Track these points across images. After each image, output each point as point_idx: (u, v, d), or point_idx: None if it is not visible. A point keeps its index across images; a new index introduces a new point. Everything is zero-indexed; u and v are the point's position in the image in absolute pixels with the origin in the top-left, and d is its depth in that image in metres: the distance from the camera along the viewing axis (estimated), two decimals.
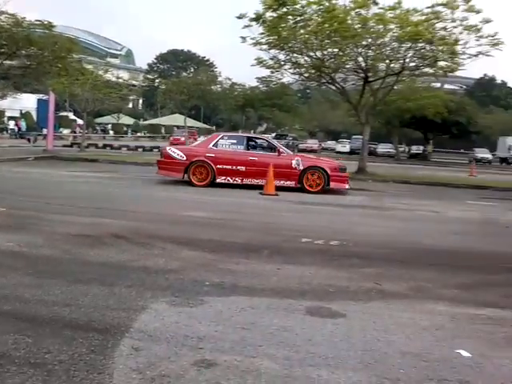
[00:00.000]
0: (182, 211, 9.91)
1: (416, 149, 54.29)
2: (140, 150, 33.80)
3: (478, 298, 5.25)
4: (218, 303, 4.56)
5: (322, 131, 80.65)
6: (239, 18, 20.26)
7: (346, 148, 54.57)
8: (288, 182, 14.41)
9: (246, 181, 14.42)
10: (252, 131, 68.20)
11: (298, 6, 19.55)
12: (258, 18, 19.95)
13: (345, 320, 4.36)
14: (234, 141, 14.99)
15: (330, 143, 65.89)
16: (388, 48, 20.62)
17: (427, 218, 11.33)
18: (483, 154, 50.28)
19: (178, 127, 54.35)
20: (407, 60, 20.90)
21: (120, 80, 41.49)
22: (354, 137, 53.35)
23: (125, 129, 69.40)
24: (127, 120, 71.55)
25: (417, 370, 3.47)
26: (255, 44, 20.90)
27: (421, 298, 5.12)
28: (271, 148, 15.12)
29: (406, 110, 36.53)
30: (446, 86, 67.69)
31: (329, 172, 14.37)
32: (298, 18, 19.93)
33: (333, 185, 14.47)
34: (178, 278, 5.25)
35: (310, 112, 73.20)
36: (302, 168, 14.40)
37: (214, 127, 77.28)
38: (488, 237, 9.38)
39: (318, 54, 21.24)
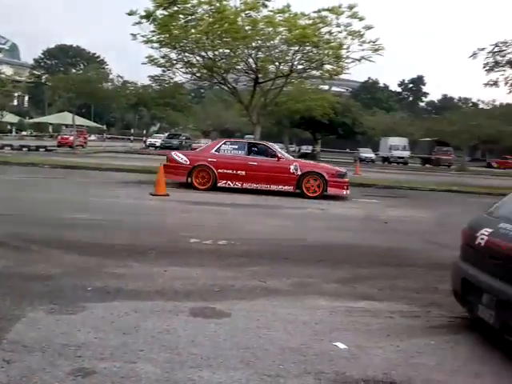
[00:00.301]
0: (65, 213, 9.46)
1: (305, 148, 56.02)
2: (25, 149, 32.05)
3: (356, 292, 5.53)
4: (100, 309, 4.43)
5: (216, 130, 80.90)
6: (130, 14, 19.74)
7: None
8: (286, 187, 14.69)
9: (246, 185, 14.71)
10: (144, 130, 67.10)
11: (188, 6, 19.42)
12: (148, 16, 19.57)
13: (229, 319, 4.41)
14: (236, 146, 15.45)
15: None
16: (277, 50, 21.09)
17: (314, 216, 11.74)
18: (367, 153, 52.95)
19: (66, 126, 52.08)
20: (295, 62, 21.47)
21: (3, 75, 39.15)
22: (246, 136, 53.72)
23: (9, 127, 65.42)
24: (11, 118, 67.35)
25: (296, 365, 3.58)
26: (146, 42, 20.51)
27: (303, 294, 5.31)
28: (271, 154, 15.26)
29: (296, 111, 37.58)
30: (334, 89, 70.46)
31: (326, 177, 14.60)
32: (189, 18, 19.80)
33: (331, 190, 14.68)
34: (58, 285, 5.04)
35: (203, 111, 73.23)
36: (299, 173, 14.62)
37: (104, 126, 75.05)
38: (369, 232, 9.88)
39: (210, 54, 21.26)
